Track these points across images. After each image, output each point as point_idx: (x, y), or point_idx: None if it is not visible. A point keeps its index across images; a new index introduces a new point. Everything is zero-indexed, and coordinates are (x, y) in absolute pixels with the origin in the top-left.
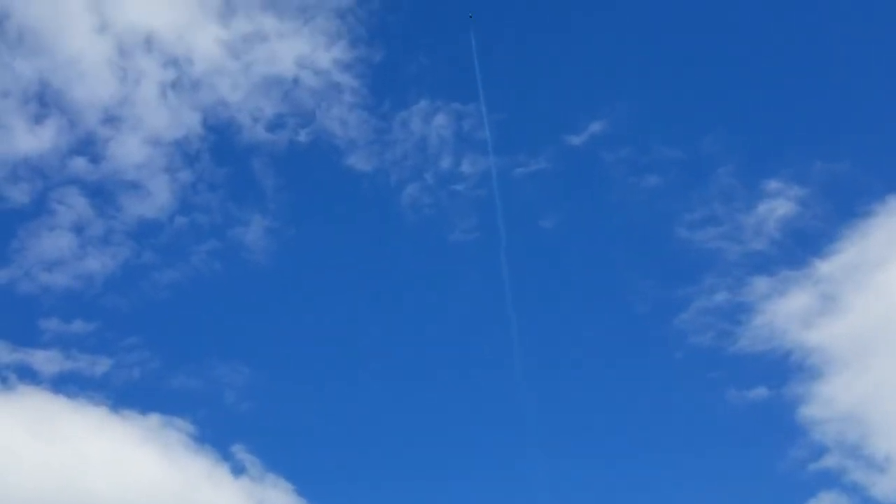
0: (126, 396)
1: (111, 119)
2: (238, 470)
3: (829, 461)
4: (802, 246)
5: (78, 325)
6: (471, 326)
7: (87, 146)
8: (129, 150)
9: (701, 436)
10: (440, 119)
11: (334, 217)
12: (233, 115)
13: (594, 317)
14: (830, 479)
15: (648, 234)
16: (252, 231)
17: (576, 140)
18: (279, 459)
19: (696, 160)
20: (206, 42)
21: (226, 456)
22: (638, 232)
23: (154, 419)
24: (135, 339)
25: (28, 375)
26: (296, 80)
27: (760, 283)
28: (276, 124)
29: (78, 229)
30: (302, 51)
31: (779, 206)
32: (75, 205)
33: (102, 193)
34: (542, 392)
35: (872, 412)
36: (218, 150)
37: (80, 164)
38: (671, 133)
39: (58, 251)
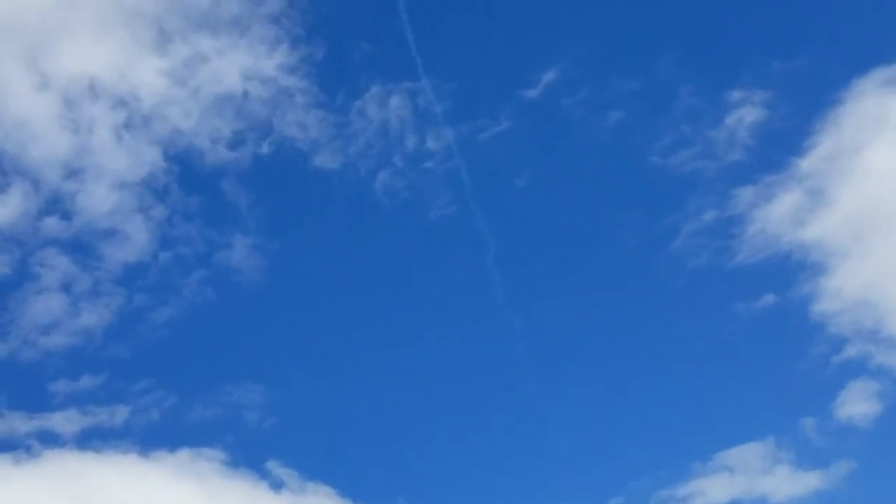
0: (151, 438)
1: (73, 172)
2: (277, 485)
3: (851, 351)
4: (778, 148)
5: (87, 381)
6: (467, 301)
7: (56, 204)
8: (97, 200)
9: (717, 354)
10: (395, 101)
11: (313, 220)
12: (191, 141)
13: (585, 261)
14: (855, 368)
15: (623, 169)
16: (236, 252)
17: (532, 93)
18: (315, 466)
19: (655, 87)
20: (148, 76)
21: (262, 474)
22: (612, 169)
23: (184, 454)
24: (146, 382)
25: (50, 440)
26: (245, 94)
27: (745, 193)
28: (236, 142)
29: (65, 287)
30: (245, 63)
31: (746, 113)
32: (57, 264)
33: (81, 247)
34: (547, 351)
35: (882, 294)
36: (185, 180)
37: (52, 224)
38: (624, 65)
39: (50, 313)
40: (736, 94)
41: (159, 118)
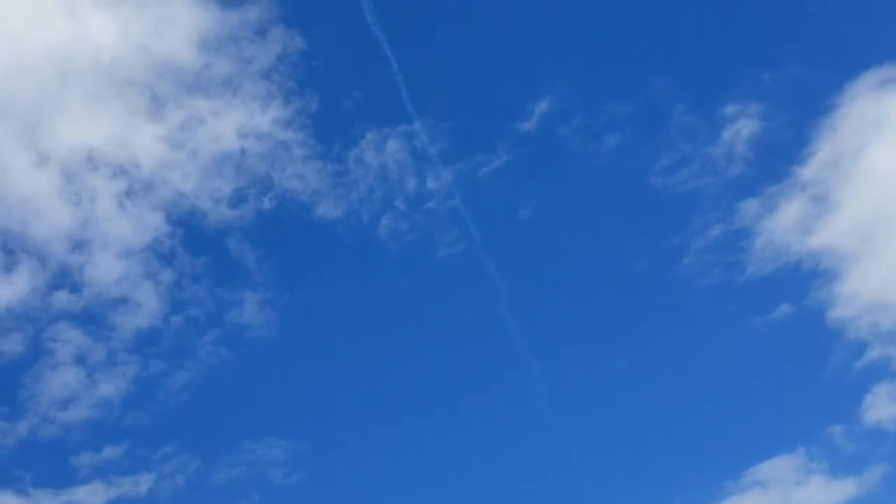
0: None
1: (78, 245)
2: None
3: (872, 354)
4: (778, 158)
5: (109, 452)
6: (481, 340)
7: (64, 278)
8: (105, 270)
9: (738, 370)
10: (392, 145)
11: (320, 270)
12: (193, 203)
13: (596, 288)
14: (879, 371)
15: (624, 192)
16: (247, 309)
17: (526, 125)
18: None
19: (649, 108)
20: (145, 142)
21: None
22: (614, 193)
23: None
24: (168, 448)
25: None
26: (243, 152)
27: (749, 206)
28: (237, 199)
29: (80, 360)
30: (240, 121)
31: (742, 126)
32: (70, 338)
33: (93, 319)
34: (567, 383)
35: None
36: (190, 242)
37: (62, 298)
38: (616, 89)
39: (67, 388)
40: (730, 109)
41: (160, 183)
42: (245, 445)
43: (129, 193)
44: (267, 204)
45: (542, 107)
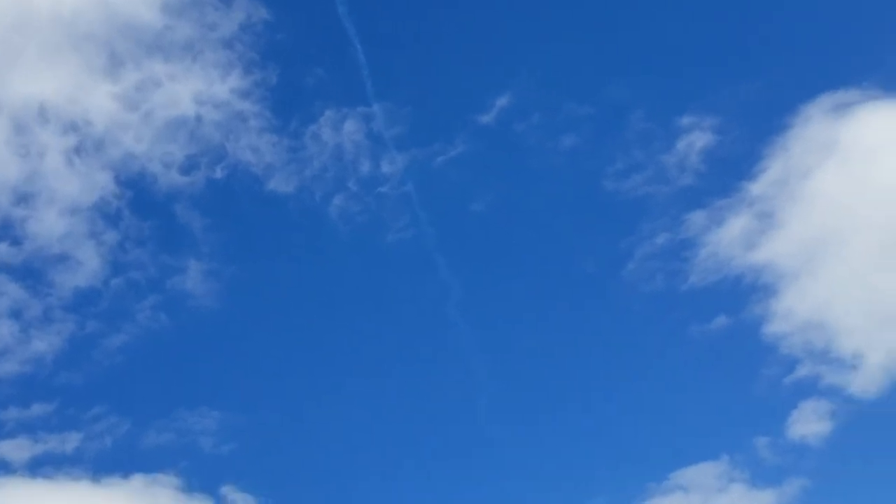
0: (104, 465)
1: (23, 198)
2: None
3: (802, 371)
4: (728, 172)
5: (38, 408)
6: (423, 325)
7: (5, 230)
8: (48, 225)
9: (672, 376)
10: (349, 126)
11: (268, 245)
12: (144, 166)
13: (541, 285)
14: (807, 388)
15: (577, 193)
16: (190, 277)
17: (485, 118)
18: (271, 492)
19: (607, 111)
20: (100, 100)
21: (218, 500)
22: (566, 193)
23: (138, 480)
24: (98, 408)
25: (1, 467)
26: (198, 118)
27: (697, 217)
28: (189, 166)
29: (15, 314)
30: (198, 88)
31: (697, 138)
32: (7, 291)
33: (32, 274)
34: (504, 374)
35: (832, 315)
36: (137, 204)
37: (2, 250)
38: (577, 90)
39: (0, 340)
40: (686, 120)
41: (111, 142)
42: (177, 413)
43: (78, 150)
44: (219, 173)
45: (502, 101)
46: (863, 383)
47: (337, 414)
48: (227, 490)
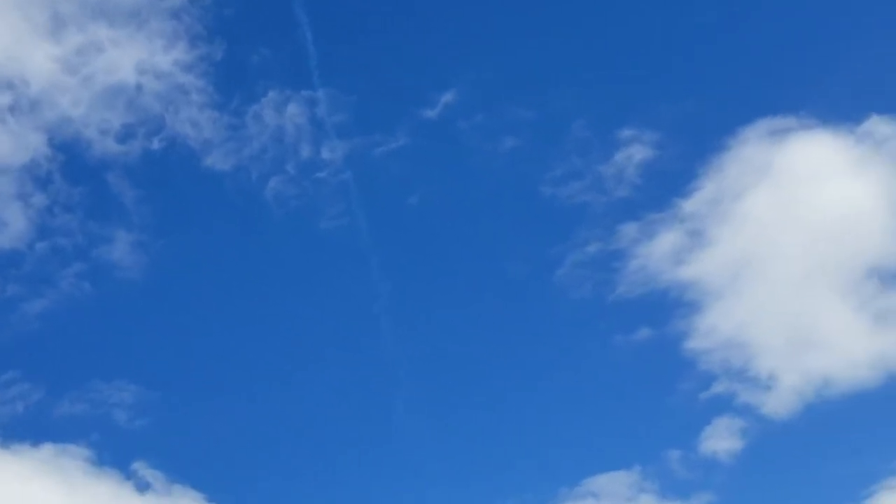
0: (14, 431)
1: None
2: (143, 487)
3: (718, 388)
4: (664, 187)
5: None
6: (348, 314)
7: None
8: None
9: (592, 383)
10: (292, 108)
11: (200, 222)
12: (79, 130)
13: (470, 284)
14: (722, 405)
15: (514, 196)
16: (118, 247)
17: (429, 113)
18: (183, 470)
19: (549, 118)
20: (39, 60)
21: (128, 475)
22: (503, 195)
23: (47, 449)
24: (12, 373)
25: None
26: (139, 87)
27: (629, 229)
28: (125, 135)
29: None
30: (140, 56)
31: (636, 152)
32: None
33: None
34: (422, 370)
35: (751, 336)
36: (69, 169)
37: None
38: (521, 94)
39: None
40: (626, 132)
41: (47, 104)
42: (93, 384)
43: (13, 109)
44: (155, 145)
45: (447, 97)
46: (775, 404)
47: (253, 398)
48: (139, 466)
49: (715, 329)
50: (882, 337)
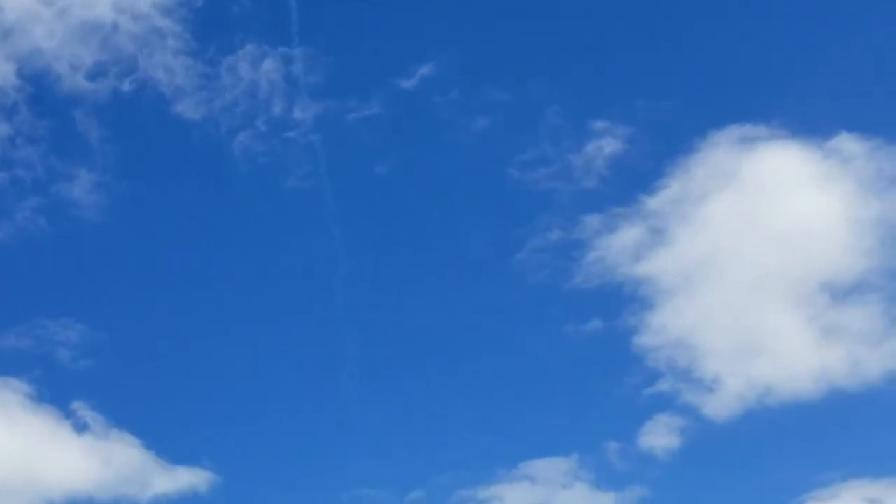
0: None
1: None
2: (81, 427)
3: (663, 385)
4: (630, 183)
5: None
6: (305, 277)
7: None
8: None
9: (539, 369)
10: (268, 64)
11: (164, 169)
12: (50, 63)
13: (429, 259)
14: (664, 402)
15: (481, 176)
16: (78, 186)
17: (406, 83)
18: (123, 415)
19: (524, 101)
20: None
21: (67, 414)
22: (471, 174)
23: None
24: None
25: None
26: (115, 26)
27: (592, 220)
28: (96, 73)
29: None
30: None
31: (606, 144)
32: None
33: None
34: (374, 340)
35: (700, 338)
36: (36, 102)
37: None
38: (499, 75)
39: None
40: (599, 124)
41: (20, 33)
42: (39, 320)
43: None
44: (126, 86)
45: (425, 70)
46: (717, 407)
47: (201, 349)
48: (79, 406)
49: (665, 327)
50: (828, 351)
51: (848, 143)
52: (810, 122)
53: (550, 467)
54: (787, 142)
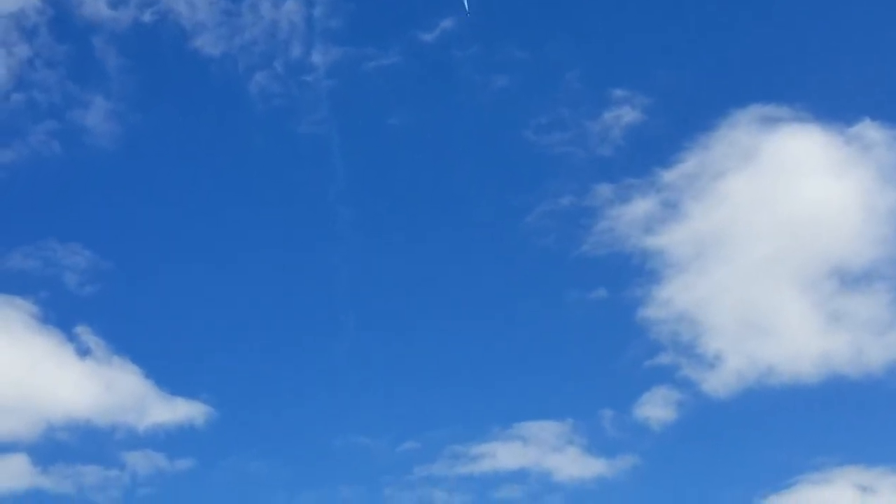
0: None
1: None
2: (83, 352)
3: (664, 359)
4: (646, 154)
5: None
6: (310, 222)
7: None
8: None
9: (542, 332)
10: (290, 5)
11: (180, 102)
12: None
13: (436, 216)
14: (664, 375)
15: (495, 135)
16: (93, 113)
17: (426, 36)
18: (125, 343)
19: (544, 63)
20: None
21: (70, 337)
22: (485, 133)
23: None
24: None
25: None
26: None
27: (604, 189)
28: (119, 1)
29: None
30: None
31: (624, 113)
32: None
33: None
34: (378, 292)
35: (705, 314)
36: (57, 26)
37: None
38: (520, 34)
39: None
40: (619, 92)
41: None
42: (48, 242)
43: None
44: (147, 17)
45: (446, 23)
46: (716, 383)
47: (206, 281)
48: (82, 330)
49: (671, 301)
50: (832, 337)
51: (870, 130)
52: (834, 107)
53: (544, 430)
54: (810, 125)
